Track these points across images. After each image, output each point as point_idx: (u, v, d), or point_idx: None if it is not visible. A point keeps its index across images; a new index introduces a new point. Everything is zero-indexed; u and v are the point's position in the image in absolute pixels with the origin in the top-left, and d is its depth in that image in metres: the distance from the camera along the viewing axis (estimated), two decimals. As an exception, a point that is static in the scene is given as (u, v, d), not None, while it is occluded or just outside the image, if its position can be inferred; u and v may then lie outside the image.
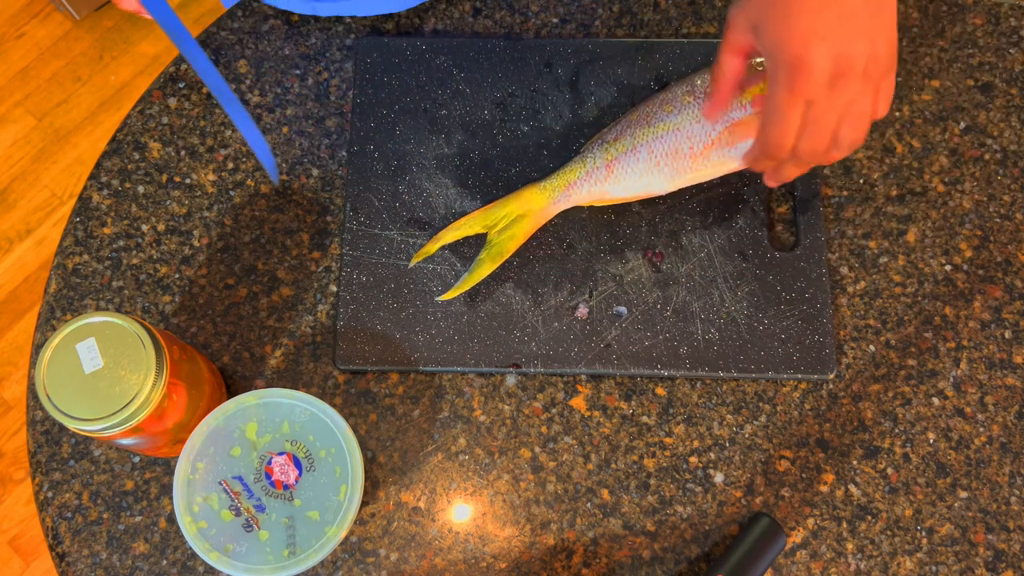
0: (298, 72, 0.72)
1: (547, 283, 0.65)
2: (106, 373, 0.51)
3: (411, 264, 0.64)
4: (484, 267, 0.64)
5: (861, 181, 0.69)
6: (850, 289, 0.66)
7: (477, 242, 0.66)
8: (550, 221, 0.67)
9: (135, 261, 0.68)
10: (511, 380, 0.65)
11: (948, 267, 0.67)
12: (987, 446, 0.63)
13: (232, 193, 0.69)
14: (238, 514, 0.53)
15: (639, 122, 0.65)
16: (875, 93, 0.54)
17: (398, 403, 0.64)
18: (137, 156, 0.70)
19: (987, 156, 0.69)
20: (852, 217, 0.68)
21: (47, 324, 0.67)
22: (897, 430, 0.64)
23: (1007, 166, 0.69)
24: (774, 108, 0.54)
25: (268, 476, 0.54)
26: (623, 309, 0.65)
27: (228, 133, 0.71)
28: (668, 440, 0.64)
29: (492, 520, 0.62)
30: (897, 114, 0.70)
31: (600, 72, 0.70)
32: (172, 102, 0.72)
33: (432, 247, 0.64)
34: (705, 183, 0.67)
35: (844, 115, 0.53)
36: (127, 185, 0.70)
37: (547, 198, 0.64)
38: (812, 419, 0.64)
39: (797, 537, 0.62)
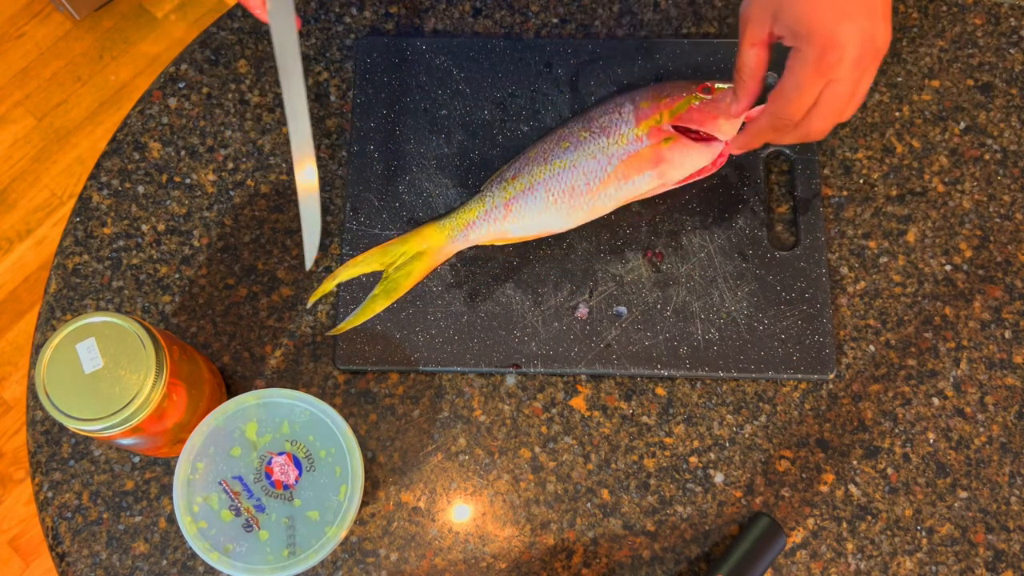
0: (298, 72, 0.72)
1: (547, 283, 0.65)
2: (106, 373, 0.51)
3: (308, 304, 0.64)
4: (378, 302, 0.64)
5: (861, 181, 0.69)
6: (850, 289, 0.66)
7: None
8: None
9: (135, 261, 0.68)
10: (511, 380, 0.65)
11: (948, 267, 0.67)
12: (987, 446, 0.63)
13: (232, 193, 0.69)
14: (238, 514, 0.53)
15: (536, 160, 0.65)
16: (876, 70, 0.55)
17: (398, 403, 0.64)
18: (137, 156, 0.70)
19: (987, 156, 0.69)
20: (852, 217, 0.68)
21: (47, 324, 0.67)
22: (897, 430, 0.64)
23: (1007, 166, 0.69)
24: (796, 85, 0.54)
25: (268, 476, 0.54)
26: (623, 309, 0.65)
27: (228, 133, 0.71)
28: (668, 440, 0.64)
29: (492, 520, 0.62)
30: (897, 114, 0.70)
31: (600, 72, 0.70)
32: (172, 102, 0.72)
33: (328, 285, 0.63)
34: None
35: (855, 94, 0.54)
36: (127, 185, 0.70)
37: (445, 237, 0.64)
38: (812, 419, 0.64)
39: (797, 537, 0.62)
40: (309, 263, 0.61)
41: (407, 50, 0.71)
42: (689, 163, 0.64)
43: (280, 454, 0.54)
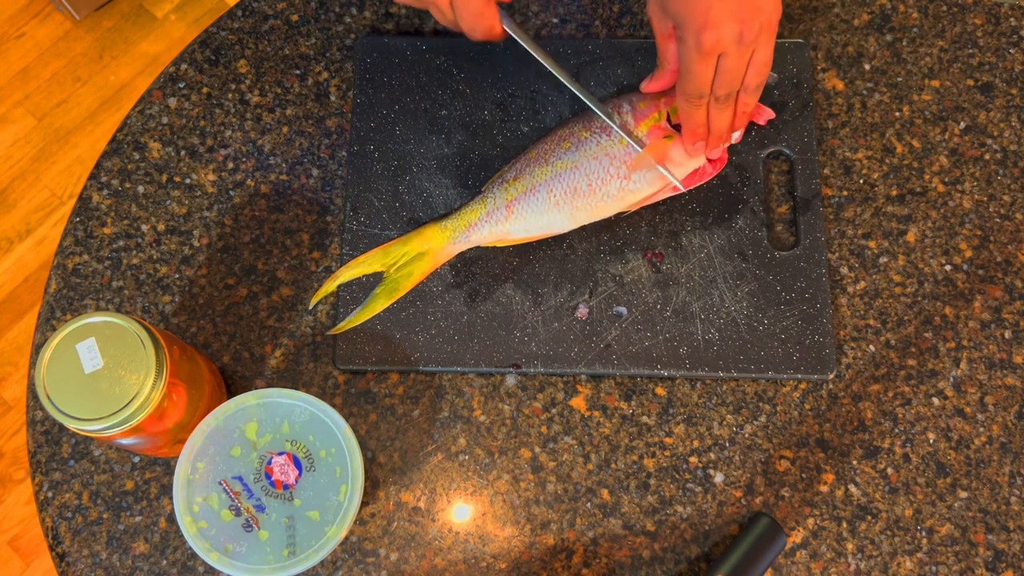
0: (298, 72, 0.72)
1: (547, 283, 0.65)
2: (106, 373, 0.51)
3: (311, 305, 0.65)
4: (379, 302, 0.64)
5: (861, 181, 0.69)
6: (850, 289, 0.66)
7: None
8: None
9: (135, 261, 0.68)
10: (511, 380, 0.65)
11: (948, 267, 0.67)
12: (987, 446, 0.63)
13: (232, 193, 0.69)
14: (238, 514, 0.53)
15: (537, 160, 0.65)
16: (772, 38, 0.58)
17: (398, 403, 0.64)
18: (137, 156, 0.70)
19: (987, 156, 0.69)
20: (852, 217, 0.68)
21: (47, 324, 0.67)
22: (897, 430, 0.64)
23: (1007, 166, 0.69)
24: (686, 70, 0.58)
25: (268, 476, 0.54)
26: (623, 309, 0.65)
27: (228, 133, 0.71)
28: (668, 440, 0.64)
29: (492, 520, 0.62)
30: (897, 114, 0.70)
31: (600, 72, 0.70)
32: (172, 102, 0.72)
33: (330, 286, 0.64)
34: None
35: (750, 63, 0.58)
36: (127, 185, 0.70)
37: (447, 238, 0.64)
38: (812, 419, 0.64)
39: (797, 537, 0.62)
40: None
41: (407, 50, 0.71)
42: (690, 160, 0.64)
43: (280, 454, 0.54)
